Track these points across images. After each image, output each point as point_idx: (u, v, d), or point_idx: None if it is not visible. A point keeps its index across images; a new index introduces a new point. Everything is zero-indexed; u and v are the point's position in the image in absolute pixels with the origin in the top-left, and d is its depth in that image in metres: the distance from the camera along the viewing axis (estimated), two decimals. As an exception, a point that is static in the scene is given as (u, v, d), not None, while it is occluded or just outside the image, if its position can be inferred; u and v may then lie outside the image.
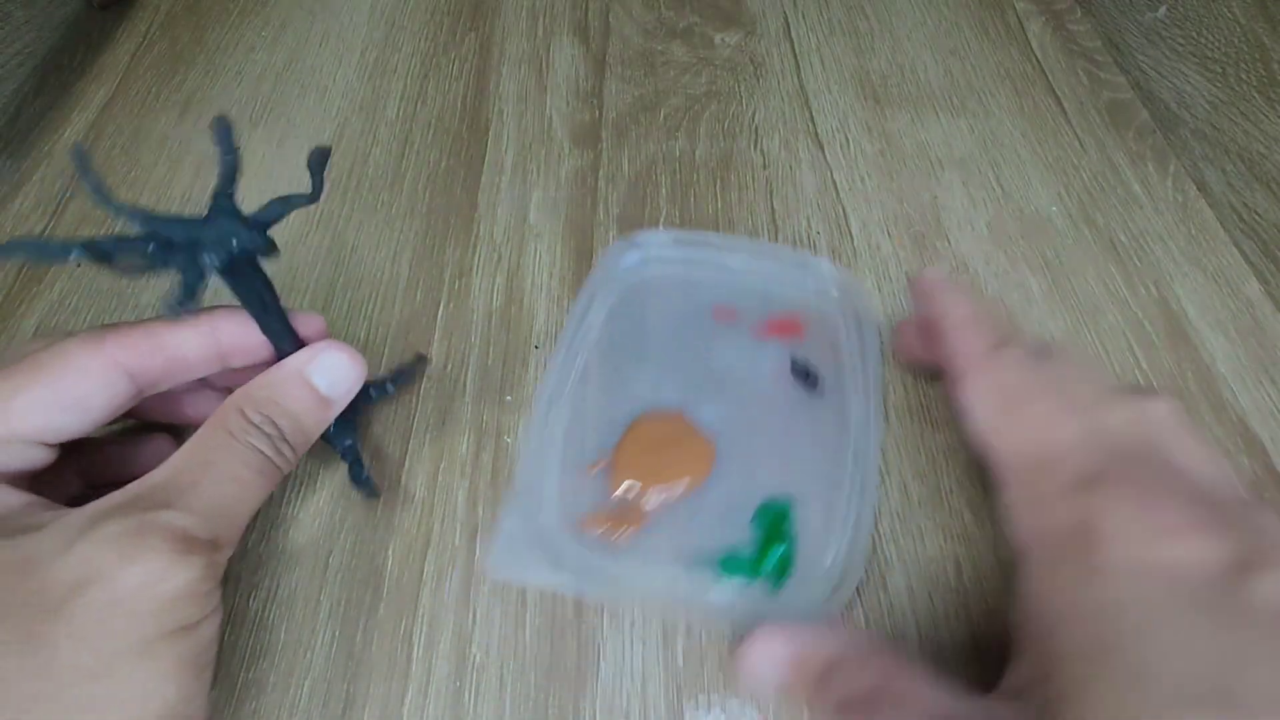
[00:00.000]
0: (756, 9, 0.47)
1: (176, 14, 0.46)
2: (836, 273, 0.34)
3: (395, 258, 0.35)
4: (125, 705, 0.18)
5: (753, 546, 0.27)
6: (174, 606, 0.19)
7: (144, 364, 0.22)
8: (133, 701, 0.18)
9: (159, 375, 0.23)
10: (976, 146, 0.40)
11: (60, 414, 0.21)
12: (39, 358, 0.21)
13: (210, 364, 0.24)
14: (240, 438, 0.22)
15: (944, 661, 0.26)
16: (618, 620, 0.26)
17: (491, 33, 0.46)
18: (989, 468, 0.24)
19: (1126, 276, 0.35)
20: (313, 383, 0.24)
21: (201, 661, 0.20)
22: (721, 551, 0.27)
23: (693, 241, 0.35)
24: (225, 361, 0.24)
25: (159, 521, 0.19)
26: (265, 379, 0.23)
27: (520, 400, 0.31)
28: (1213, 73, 0.44)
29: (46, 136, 0.40)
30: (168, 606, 0.19)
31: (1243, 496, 0.22)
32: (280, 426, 0.22)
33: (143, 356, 0.22)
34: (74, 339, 0.21)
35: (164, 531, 0.19)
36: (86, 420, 0.22)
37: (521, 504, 0.27)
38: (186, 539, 0.19)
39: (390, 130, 0.40)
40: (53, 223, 0.36)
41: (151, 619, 0.18)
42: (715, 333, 0.33)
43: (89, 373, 0.21)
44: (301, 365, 0.23)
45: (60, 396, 0.21)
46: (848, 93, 0.43)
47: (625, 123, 0.41)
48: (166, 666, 0.19)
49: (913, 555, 0.28)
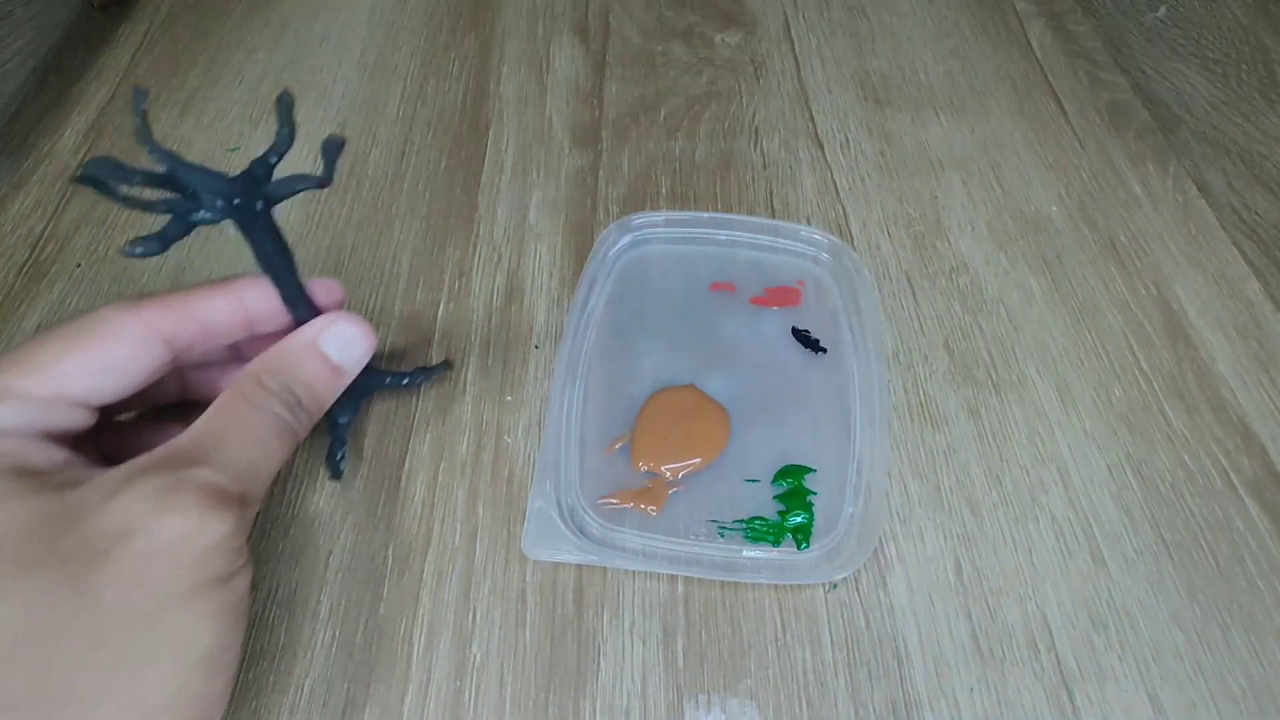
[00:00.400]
0: (756, 9, 0.47)
1: (177, 14, 0.46)
2: (826, 239, 0.35)
3: (395, 258, 0.35)
4: (168, 648, 0.19)
5: (774, 512, 0.28)
6: (210, 557, 0.20)
7: (178, 329, 0.23)
8: (175, 646, 0.19)
9: (192, 339, 0.24)
10: (976, 146, 0.40)
11: (102, 376, 0.22)
12: (82, 322, 0.22)
13: (238, 330, 0.25)
14: (260, 403, 0.23)
15: (944, 661, 0.26)
16: (618, 620, 0.26)
17: (491, 33, 0.46)
18: None
19: (1126, 276, 0.35)
20: (325, 352, 0.25)
21: (237, 612, 0.21)
22: (745, 518, 0.28)
23: (685, 221, 0.36)
24: (252, 328, 0.25)
25: (193, 477, 0.20)
26: (280, 349, 0.24)
27: (520, 400, 0.31)
28: (1213, 73, 0.44)
29: (46, 136, 0.40)
30: (204, 557, 0.20)
31: None
32: (296, 393, 0.24)
33: (176, 322, 0.23)
34: (112, 306, 0.22)
35: (198, 486, 0.20)
36: (125, 383, 0.23)
37: (546, 486, 0.28)
38: (219, 494, 0.20)
39: (390, 130, 0.40)
40: (52, 223, 0.36)
41: (190, 569, 0.19)
42: (716, 307, 0.33)
43: (127, 337, 0.22)
44: (315, 335, 0.25)
45: (103, 359, 0.22)
46: (848, 93, 0.43)
47: (625, 123, 0.41)
48: (204, 615, 0.20)
49: (913, 555, 0.28)
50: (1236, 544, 0.28)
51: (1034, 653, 0.26)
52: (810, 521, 0.28)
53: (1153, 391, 0.32)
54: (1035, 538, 0.28)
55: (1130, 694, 0.25)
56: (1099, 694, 0.25)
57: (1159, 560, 0.28)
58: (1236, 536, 0.28)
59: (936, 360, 0.32)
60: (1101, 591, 0.27)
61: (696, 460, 0.29)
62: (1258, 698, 0.25)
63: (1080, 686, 0.25)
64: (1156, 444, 0.30)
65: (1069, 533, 0.28)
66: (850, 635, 0.26)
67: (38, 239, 0.36)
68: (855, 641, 0.26)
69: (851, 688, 0.25)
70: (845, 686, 0.25)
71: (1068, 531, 0.28)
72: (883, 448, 0.29)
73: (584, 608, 0.27)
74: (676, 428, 0.30)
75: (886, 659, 0.26)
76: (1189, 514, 0.29)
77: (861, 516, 0.28)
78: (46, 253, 0.35)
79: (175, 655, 0.19)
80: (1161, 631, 0.26)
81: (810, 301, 0.34)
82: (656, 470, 0.29)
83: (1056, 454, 0.30)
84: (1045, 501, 0.29)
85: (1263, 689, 0.25)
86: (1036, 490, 0.29)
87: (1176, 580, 0.27)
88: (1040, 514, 0.29)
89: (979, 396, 0.32)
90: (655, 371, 0.31)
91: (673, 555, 0.27)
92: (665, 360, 0.32)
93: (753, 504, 0.28)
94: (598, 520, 0.28)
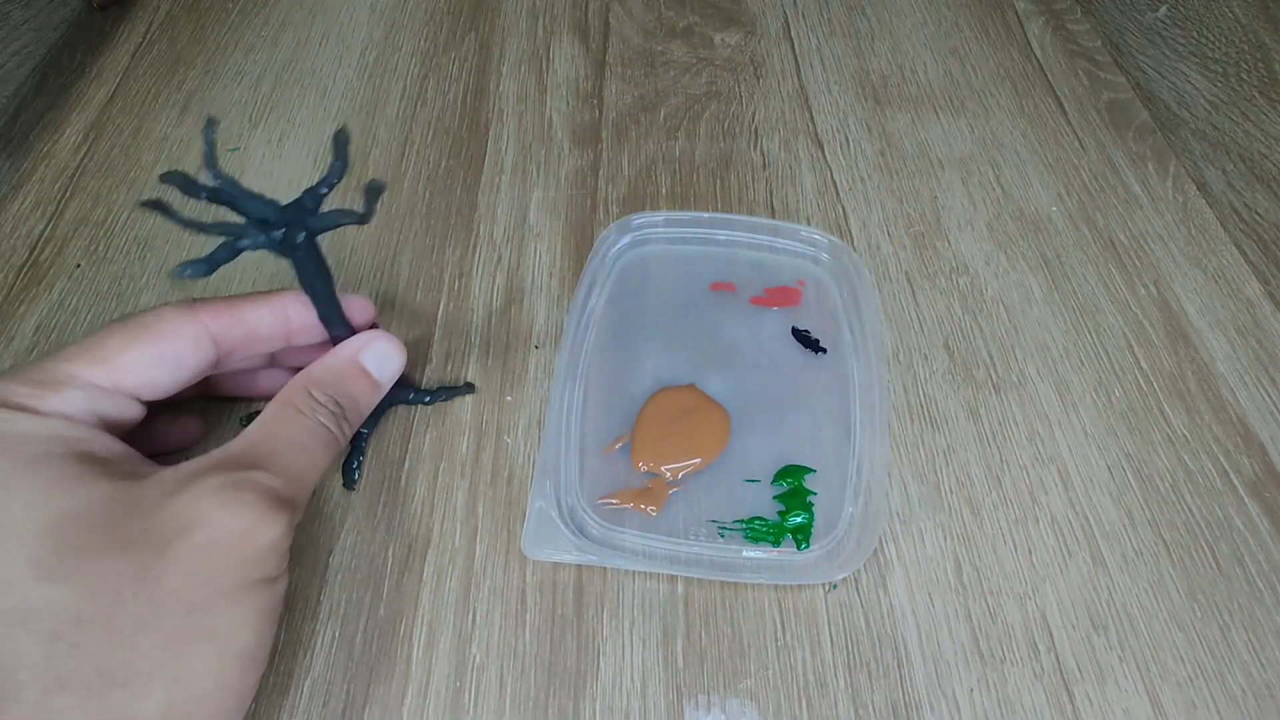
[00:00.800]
0: (756, 9, 0.47)
1: (176, 14, 0.46)
2: (826, 239, 0.35)
3: (395, 258, 0.35)
4: (214, 639, 0.20)
5: (774, 512, 0.28)
6: (262, 557, 0.21)
7: (227, 333, 0.25)
8: (221, 637, 0.20)
9: (237, 344, 0.25)
10: (976, 146, 0.40)
11: (158, 371, 0.23)
12: (140, 319, 0.23)
13: (278, 339, 0.26)
14: (309, 414, 0.24)
15: (944, 661, 0.26)
16: (618, 620, 0.26)
17: (491, 33, 0.46)
18: None
19: (1126, 276, 0.35)
20: (366, 367, 0.26)
21: (275, 614, 0.22)
22: (745, 519, 0.28)
23: (685, 221, 0.36)
24: (290, 339, 0.26)
25: (254, 479, 0.21)
26: (326, 363, 0.25)
27: (520, 400, 0.31)
28: (1213, 73, 0.44)
29: (46, 137, 0.40)
30: (257, 557, 0.21)
31: None
32: (342, 405, 0.25)
33: (227, 326, 0.24)
34: (170, 306, 0.24)
35: (259, 488, 0.21)
36: (178, 379, 0.24)
37: (546, 486, 0.28)
38: (277, 496, 0.21)
39: (390, 130, 0.40)
40: (52, 224, 0.36)
41: (243, 566, 0.20)
42: (716, 307, 0.33)
43: (184, 335, 0.23)
44: (356, 351, 0.26)
45: (161, 355, 0.23)
46: (848, 93, 0.43)
47: (625, 123, 0.41)
48: (249, 612, 0.21)
49: (913, 555, 0.28)
50: (1236, 544, 0.28)
51: (1034, 653, 0.26)
52: (810, 522, 0.28)
53: (1152, 392, 0.32)
54: (1035, 538, 0.28)
55: (1130, 694, 0.25)
56: (1099, 694, 0.25)
57: (1159, 560, 0.28)
58: (1236, 536, 0.28)
59: (936, 360, 0.32)
60: (1101, 591, 0.27)
61: (696, 460, 0.29)
62: (1258, 698, 0.25)
63: (1080, 686, 0.25)
64: (1156, 444, 0.30)
65: (1069, 533, 0.28)
66: (850, 636, 0.26)
67: (37, 239, 0.36)
68: (855, 642, 0.26)
69: (851, 688, 0.25)
70: (845, 687, 0.25)
71: (1067, 532, 0.28)
72: (883, 448, 0.29)
73: (584, 608, 0.27)
74: (676, 428, 0.30)
75: (886, 659, 0.26)
76: (1189, 514, 0.29)
77: (861, 517, 0.28)
78: (46, 253, 0.35)
79: (220, 646, 0.20)
80: (1161, 631, 0.26)
81: (810, 301, 0.34)
82: (656, 470, 0.29)
83: (1056, 454, 0.30)
84: (1045, 501, 0.29)
85: (1263, 689, 0.25)
86: (1036, 490, 0.29)
87: (1176, 580, 0.27)
88: (1040, 514, 0.29)
89: (979, 397, 0.32)
90: (655, 371, 0.31)
91: (673, 555, 0.27)
92: (665, 360, 0.32)
93: (753, 504, 0.28)
94: (598, 520, 0.28)
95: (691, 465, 0.29)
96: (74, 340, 0.23)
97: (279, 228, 0.23)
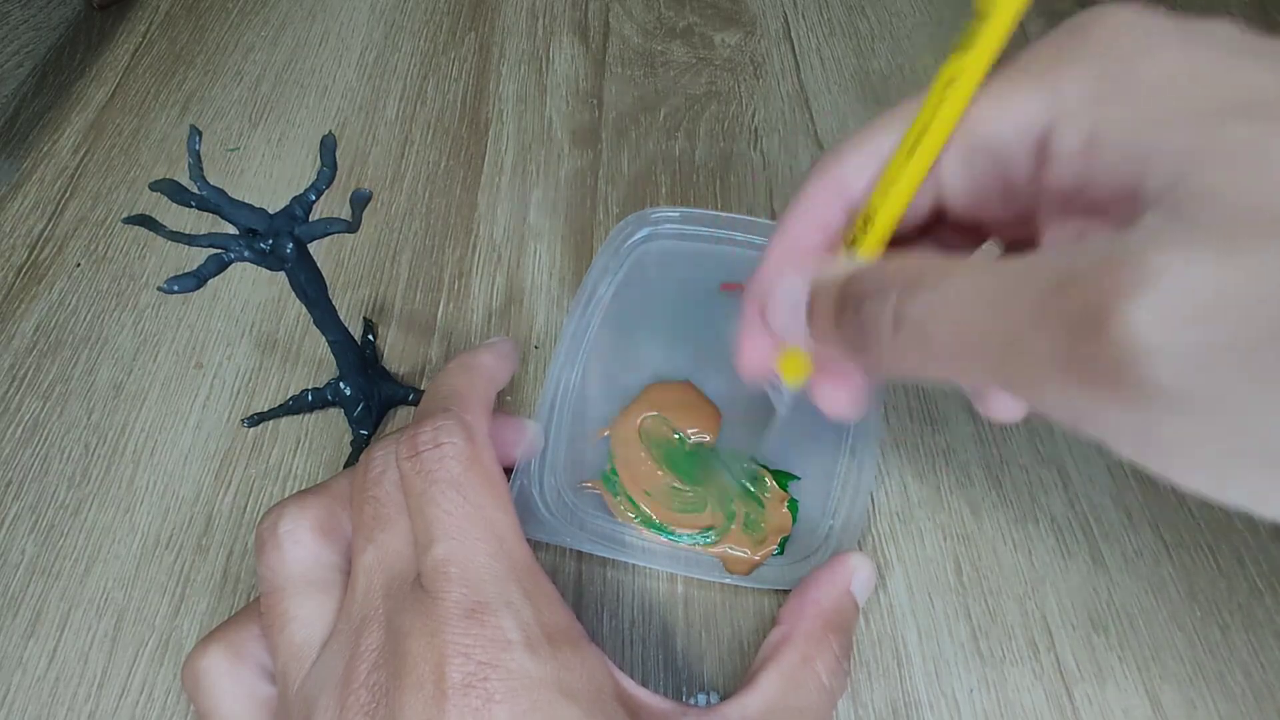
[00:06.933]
0: (756, 9, 0.47)
1: (176, 14, 0.46)
2: None
3: (395, 258, 0.35)
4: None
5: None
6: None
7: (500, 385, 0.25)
8: None
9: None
10: (976, 146, 0.40)
11: None
12: None
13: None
14: (826, 681, 0.22)
15: (944, 661, 0.26)
16: (617, 620, 0.26)
17: (491, 33, 0.46)
18: None
19: (1126, 276, 0.35)
20: (856, 597, 0.25)
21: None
22: None
23: (700, 219, 0.35)
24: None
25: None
26: (835, 601, 0.24)
27: (520, 400, 0.31)
28: (1212, 73, 0.44)
29: (46, 136, 0.40)
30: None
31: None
32: (846, 647, 0.23)
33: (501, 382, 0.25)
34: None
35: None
36: None
37: (531, 465, 0.28)
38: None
39: (390, 130, 0.40)
40: (52, 224, 0.36)
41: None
42: (724, 307, 0.33)
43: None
44: (848, 582, 0.24)
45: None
46: (848, 93, 0.43)
47: (625, 123, 0.41)
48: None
49: (913, 555, 0.28)
50: (1236, 544, 0.28)
51: (1034, 653, 0.26)
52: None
53: (1152, 391, 0.32)
54: (1035, 538, 0.28)
55: (1130, 694, 0.25)
56: (1099, 694, 0.25)
57: (1159, 560, 0.28)
58: (1236, 536, 0.28)
59: (936, 360, 0.32)
60: (1101, 591, 0.27)
61: None
62: (1258, 698, 0.25)
63: (1080, 686, 0.25)
64: (1156, 444, 0.30)
65: (1069, 533, 0.28)
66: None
67: (37, 239, 0.36)
68: (855, 642, 0.26)
69: (851, 688, 0.25)
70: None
71: (1068, 531, 0.28)
72: (868, 468, 0.28)
73: (583, 608, 0.27)
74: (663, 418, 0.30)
75: (886, 659, 0.26)
76: (1189, 514, 0.29)
77: (841, 530, 0.27)
78: (45, 253, 0.35)
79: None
80: (1161, 631, 0.26)
81: None
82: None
83: (1056, 454, 0.30)
84: (1045, 501, 0.29)
85: (1263, 689, 0.25)
86: (1036, 490, 0.29)
87: (1176, 580, 0.27)
88: (1040, 514, 0.29)
89: (979, 396, 0.31)
90: (654, 365, 0.31)
91: (646, 546, 0.27)
92: (666, 355, 0.32)
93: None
94: (574, 502, 0.28)
95: None
96: (73, 339, 0.22)
97: (268, 237, 0.23)
